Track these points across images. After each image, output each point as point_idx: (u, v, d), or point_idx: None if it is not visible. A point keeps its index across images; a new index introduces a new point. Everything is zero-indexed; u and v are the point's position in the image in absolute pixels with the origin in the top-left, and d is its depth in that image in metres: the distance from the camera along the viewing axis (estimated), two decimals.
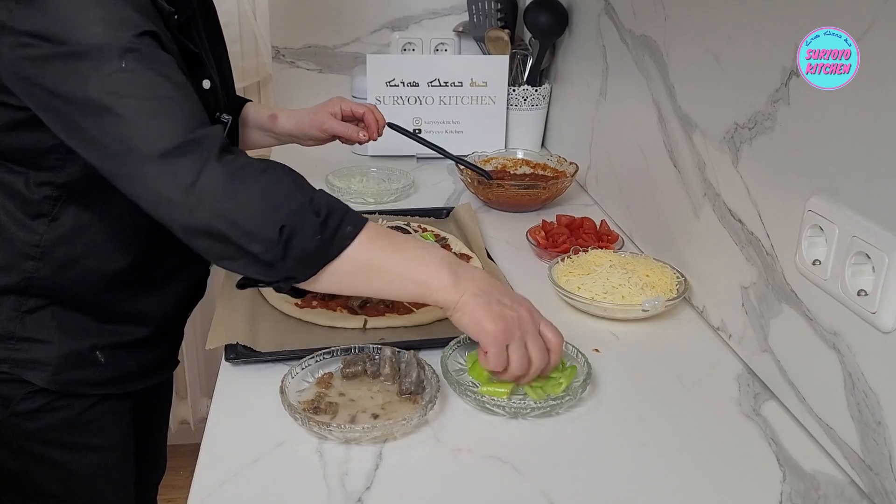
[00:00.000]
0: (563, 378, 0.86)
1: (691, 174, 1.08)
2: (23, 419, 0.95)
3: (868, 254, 0.72)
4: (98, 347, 0.97)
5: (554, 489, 0.74)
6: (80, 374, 0.96)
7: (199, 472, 0.74)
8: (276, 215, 0.75)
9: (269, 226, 0.75)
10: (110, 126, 0.74)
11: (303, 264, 0.78)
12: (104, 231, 0.92)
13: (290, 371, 0.86)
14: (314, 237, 0.76)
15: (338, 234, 0.78)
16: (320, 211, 0.77)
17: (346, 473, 0.75)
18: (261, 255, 0.76)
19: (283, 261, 0.76)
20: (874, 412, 0.72)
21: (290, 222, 0.75)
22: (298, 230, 0.76)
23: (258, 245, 0.76)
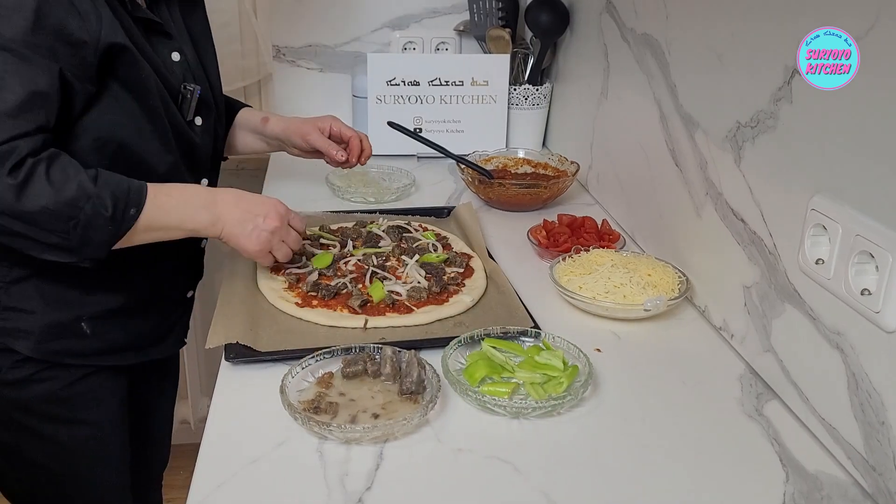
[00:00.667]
0: (565, 378, 0.85)
1: (693, 173, 1.07)
2: (11, 389, 0.99)
3: (872, 253, 0.71)
4: (83, 318, 1.00)
5: (554, 489, 0.73)
6: (64, 344, 1.00)
7: (198, 472, 0.74)
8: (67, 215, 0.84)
9: (63, 225, 0.85)
10: None
11: (99, 248, 0.89)
12: None
13: (291, 371, 0.85)
14: (106, 227, 0.87)
15: (124, 218, 0.89)
16: (107, 205, 0.87)
17: (347, 473, 0.75)
18: (60, 244, 0.86)
19: (81, 248, 0.87)
20: (878, 412, 0.72)
21: (82, 218, 0.85)
22: (90, 225, 0.86)
23: (56, 238, 0.86)
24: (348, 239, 1.20)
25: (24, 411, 1.01)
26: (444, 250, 1.18)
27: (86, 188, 0.86)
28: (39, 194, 0.83)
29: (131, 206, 0.89)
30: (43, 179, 0.84)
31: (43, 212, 0.83)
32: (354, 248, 1.18)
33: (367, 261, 1.12)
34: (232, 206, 0.99)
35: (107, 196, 0.87)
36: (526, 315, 1.01)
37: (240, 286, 1.06)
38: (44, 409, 1.01)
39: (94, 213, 0.86)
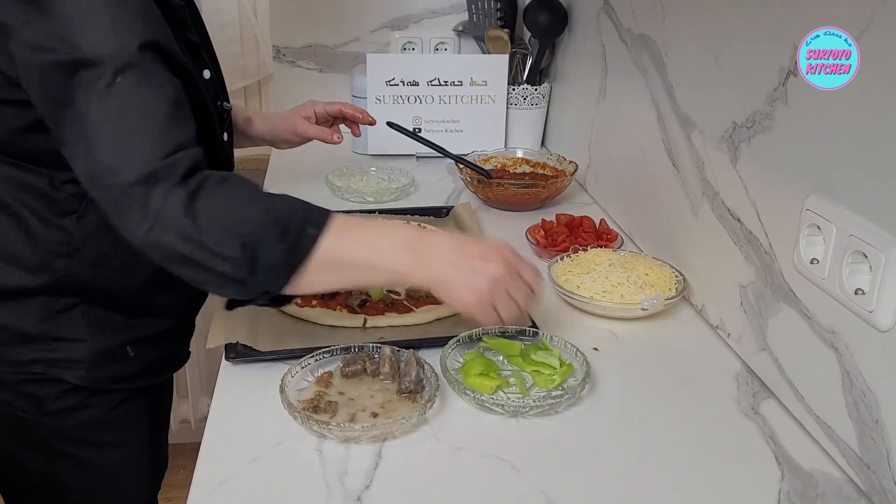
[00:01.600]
0: (557, 375, 0.86)
1: (690, 173, 1.08)
2: (55, 418, 0.96)
3: (865, 253, 0.72)
4: (128, 343, 0.99)
5: (553, 487, 0.74)
6: (112, 371, 0.98)
7: (198, 470, 0.75)
8: (236, 232, 0.75)
9: (231, 244, 0.75)
10: (94, 143, 0.75)
11: (272, 276, 0.77)
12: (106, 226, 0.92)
13: (290, 370, 0.86)
14: (277, 247, 0.76)
15: (300, 239, 0.77)
16: (279, 220, 0.77)
17: (346, 472, 0.75)
18: (230, 273, 0.76)
19: (254, 276, 0.76)
20: (872, 411, 0.73)
21: (250, 238, 0.76)
22: (260, 244, 0.76)
23: (226, 265, 0.76)
24: None
25: (62, 439, 0.99)
26: None
27: (256, 197, 0.78)
28: (209, 207, 0.75)
29: (310, 225, 0.78)
30: (213, 193, 0.76)
31: (212, 227, 0.75)
32: None
33: None
34: (442, 246, 0.83)
35: (280, 209, 0.78)
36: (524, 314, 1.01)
37: None
38: (83, 434, 1.00)
39: (264, 231, 0.76)
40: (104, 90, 0.75)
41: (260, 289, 0.78)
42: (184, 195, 0.75)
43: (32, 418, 0.96)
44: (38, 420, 0.96)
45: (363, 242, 0.81)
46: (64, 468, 1.02)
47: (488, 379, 0.86)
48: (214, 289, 0.80)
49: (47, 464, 1.01)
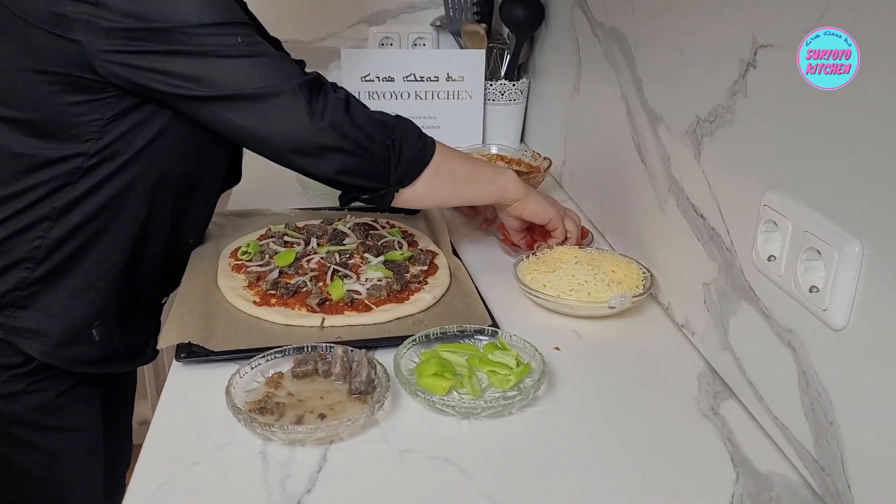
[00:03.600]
0: (513, 375, 0.84)
1: (657, 169, 1.06)
2: (4, 402, 0.97)
3: (819, 249, 0.70)
4: (94, 324, 0.99)
5: (500, 491, 0.72)
6: (75, 351, 0.99)
7: (137, 474, 0.73)
8: (385, 131, 0.96)
9: (382, 140, 0.95)
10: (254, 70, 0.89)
11: (410, 169, 0.98)
12: (124, 198, 0.95)
13: (239, 370, 0.84)
14: (416, 144, 0.98)
15: (427, 141, 1.00)
16: (413, 126, 1.00)
17: (288, 476, 0.73)
18: (378, 163, 0.96)
19: (396, 168, 0.97)
20: (827, 412, 0.71)
21: (397, 135, 0.96)
22: (405, 141, 0.97)
23: (375, 157, 0.95)
24: (312, 237, 1.18)
25: (15, 424, 1.00)
26: (409, 247, 1.17)
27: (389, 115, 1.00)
28: (360, 109, 0.95)
29: (427, 136, 1.01)
30: (355, 100, 0.96)
31: (370, 123, 0.94)
32: (319, 246, 1.16)
33: (329, 259, 1.11)
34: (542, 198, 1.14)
35: (405, 120, 1.01)
36: (486, 313, 0.99)
37: (199, 284, 1.05)
38: (35, 419, 1.01)
39: (404, 129, 0.98)
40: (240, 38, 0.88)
41: (398, 179, 0.98)
42: (341, 98, 0.94)
43: None
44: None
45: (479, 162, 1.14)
46: (20, 454, 1.02)
47: (442, 379, 0.84)
48: (359, 175, 0.96)
49: (5, 449, 1.02)
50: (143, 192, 0.96)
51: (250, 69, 0.88)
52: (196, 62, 0.86)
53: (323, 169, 0.95)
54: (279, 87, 0.89)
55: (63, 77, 0.86)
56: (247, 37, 0.89)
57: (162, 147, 0.94)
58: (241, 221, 1.27)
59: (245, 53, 0.88)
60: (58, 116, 0.89)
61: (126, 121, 0.91)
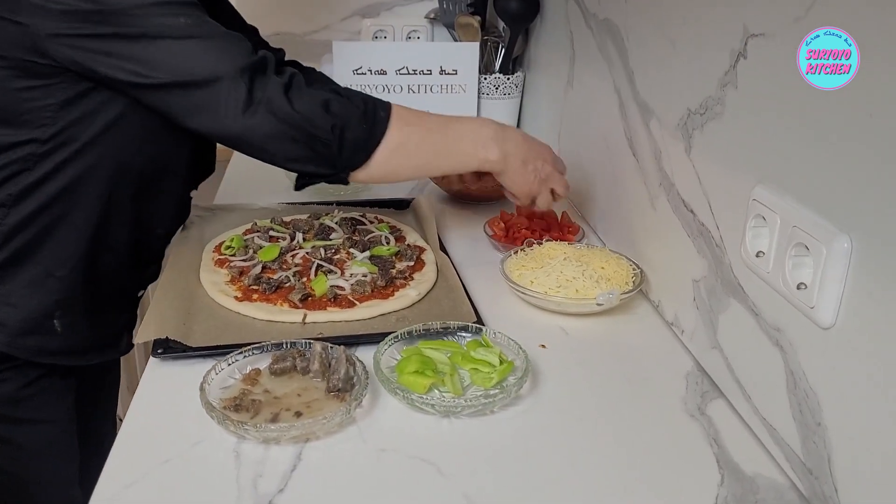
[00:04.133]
0: (496, 373, 0.82)
1: (649, 163, 1.03)
2: None
3: (807, 245, 0.68)
4: (55, 314, 0.97)
5: (476, 491, 0.70)
6: (36, 341, 0.97)
7: (106, 472, 0.71)
8: (329, 117, 0.90)
9: (324, 125, 0.90)
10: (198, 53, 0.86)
11: (356, 151, 0.93)
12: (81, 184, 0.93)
13: (215, 367, 0.82)
14: (359, 126, 0.92)
15: (376, 120, 0.93)
16: (358, 103, 0.93)
17: (261, 475, 0.72)
18: (322, 150, 0.91)
19: (340, 154, 0.91)
20: (814, 413, 0.68)
21: (339, 120, 0.90)
22: (347, 124, 0.91)
23: (319, 143, 0.90)
24: (298, 231, 1.16)
25: None
26: (396, 243, 1.15)
27: (336, 90, 0.94)
28: (303, 95, 0.89)
29: (380, 109, 0.94)
30: (300, 82, 0.90)
31: (307, 111, 0.89)
32: (304, 241, 1.14)
33: (314, 254, 1.09)
34: (518, 143, 1.04)
35: (354, 96, 0.94)
36: (470, 310, 0.97)
37: (180, 278, 1.03)
38: (2, 411, 0.99)
39: (347, 111, 0.91)
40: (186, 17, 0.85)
41: (345, 164, 0.93)
42: (282, 82, 0.88)
43: None
44: None
45: (457, 136, 1.00)
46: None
47: (423, 377, 0.82)
48: (302, 164, 0.93)
49: None
50: (101, 180, 0.94)
51: (193, 52, 0.86)
52: (141, 45, 0.84)
53: (271, 157, 0.92)
54: (219, 73, 0.86)
55: (13, 61, 0.85)
56: (193, 17, 0.86)
57: (119, 134, 0.92)
58: (226, 215, 1.25)
59: (188, 34, 0.85)
60: (9, 102, 0.87)
61: (80, 106, 0.89)
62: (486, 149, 1.00)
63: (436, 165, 1.03)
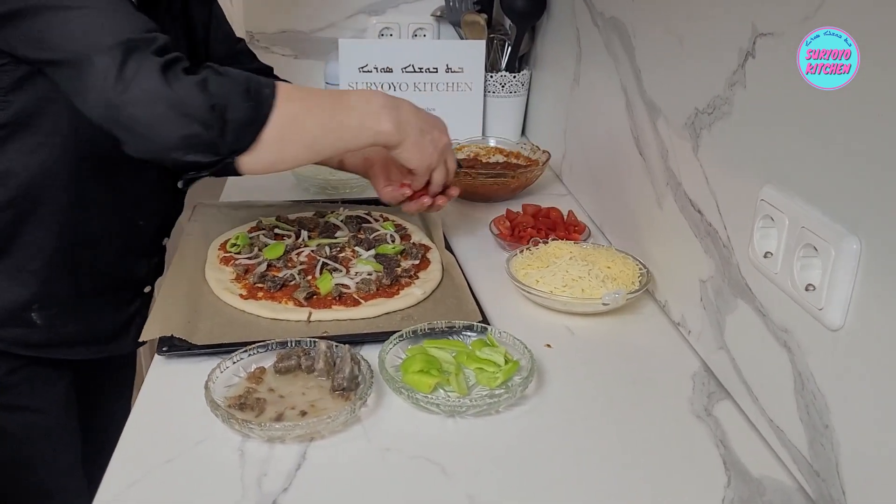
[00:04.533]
0: (501, 373, 0.82)
1: (655, 162, 1.03)
2: None
3: (816, 246, 0.67)
4: (33, 308, 0.97)
5: (481, 492, 0.70)
6: (13, 333, 0.97)
7: (110, 470, 0.71)
8: (205, 95, 0.81)
9: (201, 105, 0.81)
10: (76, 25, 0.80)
11: (242, 134, 0.84)
12: (45, 173, 0.92)
13: (220, 365, 0.82)
14: (243, 105, 0.83)
15: (261, 97, 0.85)
16: (240, 80, 0.85)
17: (265, 474, 0.71)
18: (202, 133, 0.81)
19: (223, 137, 0.82)
20: (822, 415, 0.68)
21: (218, 99, 0.82)
22: (228, 103, 0.82)
23: (197, 125, 0.81)
24: (304, 229, 1.16)
25: None
26: (401, 241, 1.15)
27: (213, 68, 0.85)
28: (181, 76, 0.81)
29: (264, 86, 0.85)
30: (183, 64, 0.83)
31: (183, 91, 0.80)
32: (309, 239, 1.14)
33: (319, 252, 1.09)
34: (413, 113, 0.98)
35: (235, 73, 0.86)
36: (476, 309, 0.97)
37: (185, 276, 1.03)
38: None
39: (228, 89, 0.83)
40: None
41: (231, 148, 0.84)
42: (160, 62, 0.80)
43: None
44: None
45: (346, 108, 0.92)
46: None
47: (428, 376, 0.82)
48: (183, 152, 0.82)
49: None
50: (63, 168, 0.92)
51: (72, 24, 0.80)
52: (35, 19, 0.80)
53: (146, 144, 0.82)
54: (90, 50, 0.79)
55: None
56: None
57: (74, 118, 0.87)
58: (231, 213, 1.25)
59: (68, 4, 0.80)
60: None
61: (28, 90, 0.87)
62: (379, 120, 0.92)
63: (329, 143, 0.92)
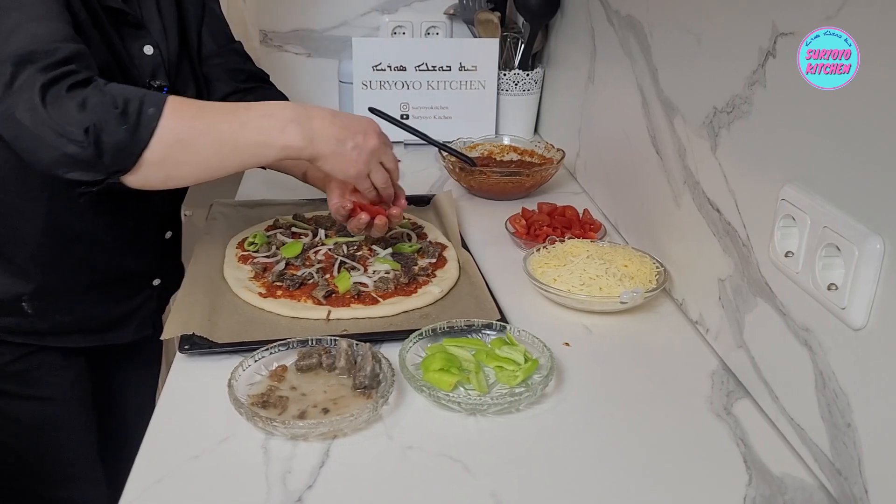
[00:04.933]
0: (521, 371, 0.82)
1: (673, 161, 1.03)
2: None
3: (838, 246, 0.67)
4: (23, 298, 0.99)
5: (503, 489, 0.70)
6: (5, 321, 0.99)
7: (136, 468, 0.72)
8: (80, 117, 0.79)
9: (75, 127, 0.79)
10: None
11: (120, 156, 0.81)
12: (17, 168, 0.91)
13: (242, 363, 0.83)
14: (119, 128, 0.80)
15: (141, 119, 0.81)
16: (117, 103, 0.81)
17: (290, 471, 0.72)
18: (78, 154, 0.79)
19: (101, 158, 0.80)
20: (844, 413, 0.68)
21: (92, 121, 0.79)
22: (103, 126, 0.80)
23: (72, 146, 0.79)
24: (321, 228, 1.17)
25: None
26: (418, 240, 1.15)
27: (97, 86, 0.82)
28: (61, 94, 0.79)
29: (149, 105, 0.82)
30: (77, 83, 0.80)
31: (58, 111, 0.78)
32: (326, 238, 1.15)
33: (337, 250, 1.10)
34: (328, 123, 0.92)
35: (115, 93, 0.82)
36: (494, 308, 0.98)
37: (204, 274, 1.04)
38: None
39: (101, 113, 0.79)
40: None
41: (111, 169, 0.82)
42: (44, 79, 0.78)
43: None
44: None
45: (250, 122, 0.87)
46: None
47: (448, 375, 0.82)
48: (64, 169, 0.81)
49: None
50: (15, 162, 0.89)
51: None
52: None
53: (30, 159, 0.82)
54: None
55: None
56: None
57: None
58: (248, 212, 1.25)
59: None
60: None
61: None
62: (285, 133, 0.88)
63: (227, 161, 0.88)
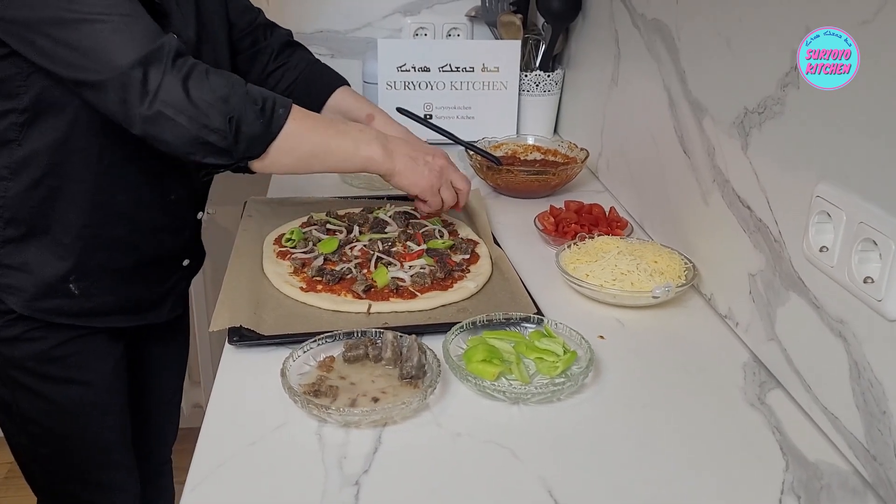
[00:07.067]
0: (561, 362, 0.85)
1: (701, 160, 1.06)
2: (4, 346, 1.02)
3: (875, 240, 0.70)
4: (70, 279, 1.02)
5: (552, 475, 0.73)
6: (54, 303, 1.02)
7: (198, 453, 0.75)
8: (224, 108, 0.89)
9: (219, 117, 0.89)
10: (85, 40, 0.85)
11: (252, 145, 0.93)
12: (68, 152, 0.96)
13: (292, 354, 0.86)
14: (257, 121, 0.92)
15: (274, 115, 0.94)
16: (257, 100, 0.92)
17: (345, 456, 0.75)
18: (217, 142, 0.90)
19: (237, 145, 0.91)
20: (879, 402, 0.71)
21: (235, 112, 0.90)
22: (243, 118, 0.91)
23: (214, 135, 0.90)
24: (355, 224, 1.20)
25: (18, 368, 1.04)
26: (450, 237, 1.18)
27: (235, 83, 0.92)
28: (202, 85, 0.89)
29: (280, 106, 0.94)
30: (200, 73, 0.89)
31: (203, 103, 0.88)
32: (360, 234, 1.18)
33: (372, 246, 1.13)
34: (402, 143, 1.06)
35: (255, 92, 0.93)
36: (529, 302, 1.00)
37: (245, 270, 1.07)
38: (36, 367, 1.04)
39: (243, 106, 0.90)
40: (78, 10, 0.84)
41: (241, 155, 0.93)
42: (178, 74, 0.88)
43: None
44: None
45: (341, 133, 1.01)
46: (23, 399, 1.06)
47: (491, 365, 0.85)
48: (199, 156, 0.92)
49: (8, 392, 1.06)
50: (87, 148, 0.96)
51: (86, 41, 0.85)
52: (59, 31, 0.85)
53: (169, 147, 0.90)
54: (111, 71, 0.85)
55: None
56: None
57: None
58: (281, 209, 1.28)
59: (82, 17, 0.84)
60: None
61: (44, 73, 0.90)
62: (369, 146, 1.02)
63: (323, 160, 1.01)
